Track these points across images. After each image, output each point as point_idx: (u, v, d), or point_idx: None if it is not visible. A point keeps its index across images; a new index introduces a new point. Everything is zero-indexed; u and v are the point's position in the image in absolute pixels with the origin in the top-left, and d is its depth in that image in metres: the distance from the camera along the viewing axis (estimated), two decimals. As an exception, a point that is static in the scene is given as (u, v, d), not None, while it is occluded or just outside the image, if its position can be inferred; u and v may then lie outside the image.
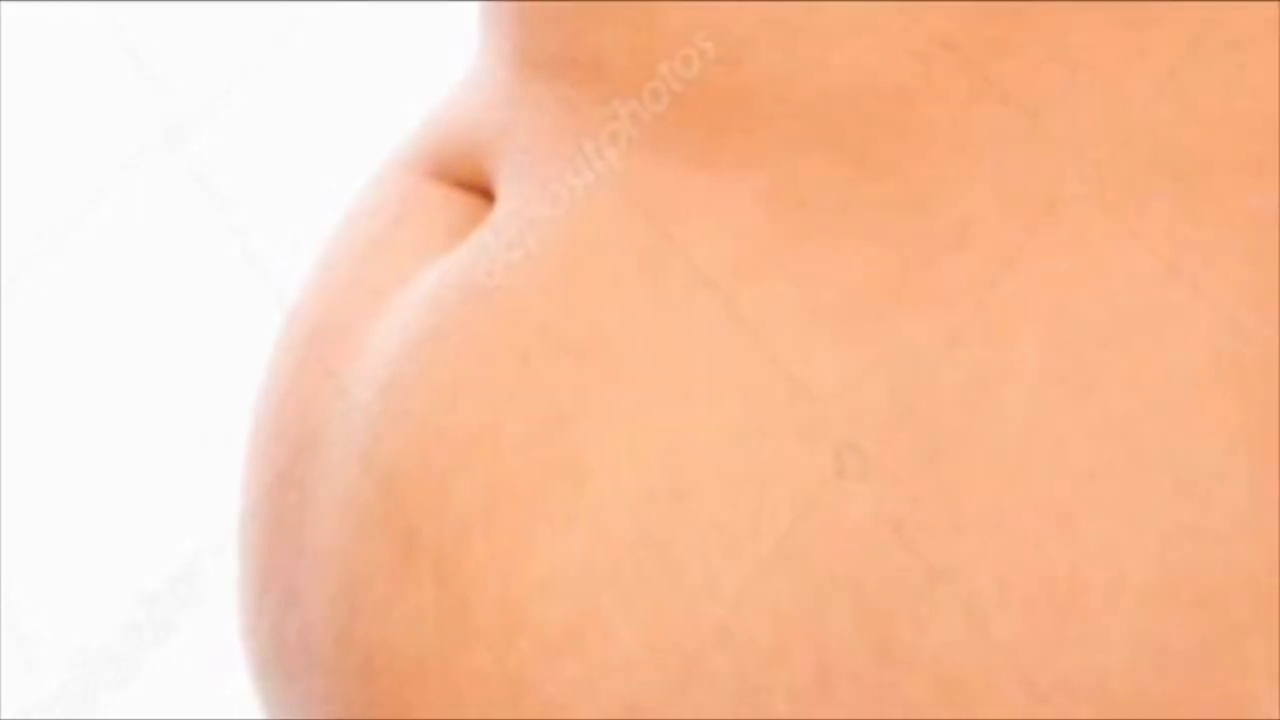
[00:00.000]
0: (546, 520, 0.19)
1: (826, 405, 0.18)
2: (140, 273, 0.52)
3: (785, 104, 0.21)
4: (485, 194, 0.25)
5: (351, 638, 0.21)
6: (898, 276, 0.19)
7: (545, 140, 0.23)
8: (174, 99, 0.53)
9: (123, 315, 0.52)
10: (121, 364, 0.51)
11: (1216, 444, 0.17)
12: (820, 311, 0.19)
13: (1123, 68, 0.19)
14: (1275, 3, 0.19)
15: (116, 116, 0.54)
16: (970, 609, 0.17)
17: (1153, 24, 0.19)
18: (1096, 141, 0.19)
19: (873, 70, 0.20)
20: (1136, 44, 0.19)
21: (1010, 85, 0.19)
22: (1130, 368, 0.17)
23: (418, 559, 0.20)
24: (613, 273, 0.20)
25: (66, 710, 0.45)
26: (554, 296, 0.21)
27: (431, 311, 0.22)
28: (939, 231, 0.19)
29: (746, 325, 0.19)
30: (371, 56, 0.54)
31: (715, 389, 0.19)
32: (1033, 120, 0.19)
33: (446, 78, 0.27)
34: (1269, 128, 0.18)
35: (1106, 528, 0.17)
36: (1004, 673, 0.17)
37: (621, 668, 0.18)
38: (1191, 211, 0.18)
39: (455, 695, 0.19)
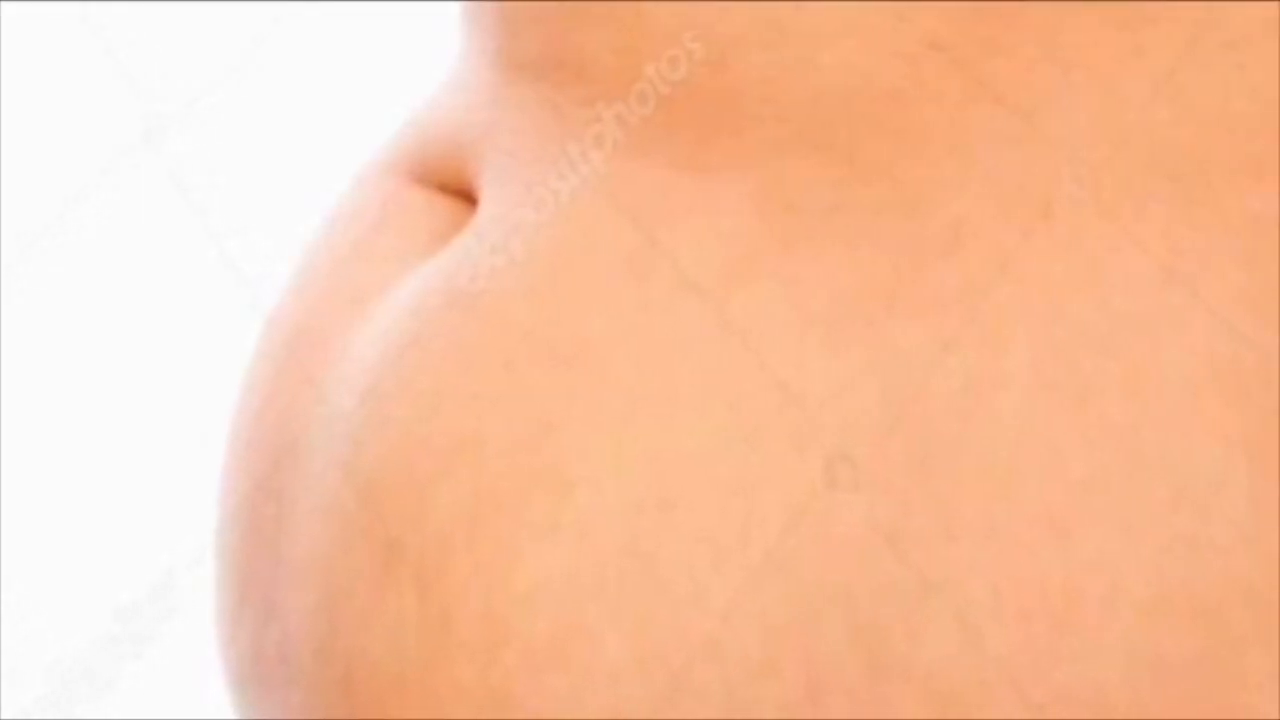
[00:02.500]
0: (531, 530, 0.19)
1: (817, 413, 0.18)
2: (117, 277, 0.52)
3: (774, 105, 0.20)
4: (468, 198, 0.24)
5: (331, 650, 0.21)
6: (889, 281, 0.18)
7: (529, 143, 0.23)
8: (153, 100, 0.53)
9: (99, 320, 0.52)
10: (98, 370, 0.51)
11: (1214, 451, 0.17)
12: (810, 317, 0.19)
13: (1118, 68, 0.19)
14: (1274, 2, 0.19)
15: (95, 118, 0.53)
16: (964, 620, 0.17)
17: (1148, 24, 0.19)
18: (1092, 143, 0.18)
19: (863, 71, 0.20)
20: (1132, 44, 0.19)
21: (1004, 86, 0.19)
22: (1126, 373, 0.17)
23: (399, 569, 0.20)
24: (599, 277, 0.20)
25: (43, 722, 0.45)
26: (539, 302, 0.20)
27: (414, 317, 0.22)
28: (931, 235, 0.18)
29: (735, 331, 0.19)
30: (352, 57, 0.53)
31: (703, 396, 0.19)
32: (1027, 122, 0.19)
33: (428, 79, 0.27)
34: (1267, 128, 0.18)
35: (1102, 537, 0.16)
36: (999, 685, 0.16)
37: (607, 681, 0.18)
38: (1188, 214, 0.18)
39: (437, 709, 0.19)
